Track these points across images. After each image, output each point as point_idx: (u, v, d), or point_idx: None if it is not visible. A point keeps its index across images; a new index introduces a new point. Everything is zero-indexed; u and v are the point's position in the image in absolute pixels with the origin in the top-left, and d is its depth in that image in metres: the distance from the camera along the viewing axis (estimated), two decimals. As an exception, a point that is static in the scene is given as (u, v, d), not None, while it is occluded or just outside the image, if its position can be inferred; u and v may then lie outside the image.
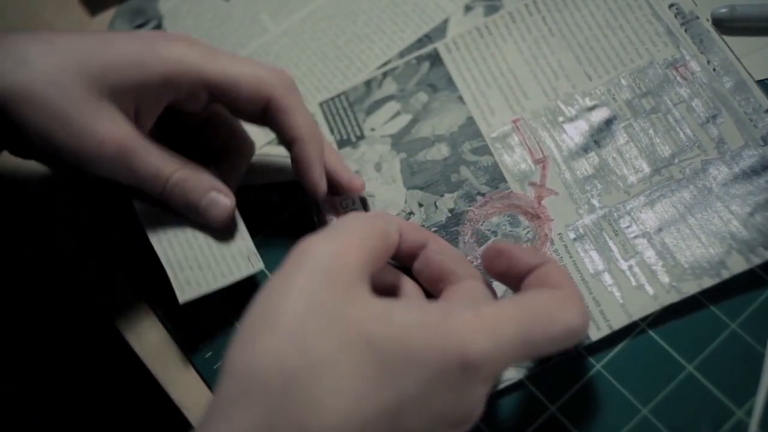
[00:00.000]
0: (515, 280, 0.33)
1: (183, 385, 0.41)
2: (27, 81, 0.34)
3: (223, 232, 0.39)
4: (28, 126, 0.35)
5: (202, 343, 0.41)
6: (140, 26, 0.52)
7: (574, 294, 0.31)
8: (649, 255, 0.38)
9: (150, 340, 0.42)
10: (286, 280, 0.29)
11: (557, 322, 0.30)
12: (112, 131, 0.35)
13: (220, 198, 0.38)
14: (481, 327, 0.28)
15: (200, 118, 0.41)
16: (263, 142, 0.45)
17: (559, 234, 0.40)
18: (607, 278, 0.38)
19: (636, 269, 0.38)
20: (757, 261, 0.37)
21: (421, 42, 0.47)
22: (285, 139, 0.39)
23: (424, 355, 0.27)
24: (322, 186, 0.39)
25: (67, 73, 0.35)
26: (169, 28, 0.51)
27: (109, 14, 0.52)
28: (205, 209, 0.38)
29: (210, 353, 0.40)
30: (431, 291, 0.35)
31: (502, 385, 0.37)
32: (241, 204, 0.40)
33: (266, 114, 0.38)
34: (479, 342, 0.27)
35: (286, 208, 0.43)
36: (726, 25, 0.43)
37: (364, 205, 0.42)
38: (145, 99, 0.37)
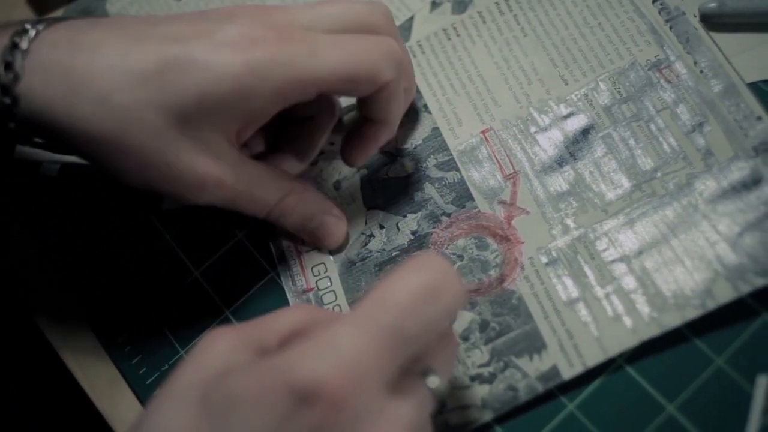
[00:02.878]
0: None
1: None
2: (112, 128, 0.30)
3: None
4: (122, 171, 0.32)
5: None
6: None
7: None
8: (628, 281, 0.35)
9: (99, 376, 0.40)
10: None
11: (403, 285, 0.27)
12: (211, 167, 0.32)
13: (330, 221, 0.37)
14: (306, 348, 0.25)
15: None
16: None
17: (530, 258, 0.36)
18: (581, 308, 0.35)
19: (613, 297, 0.35)
20: (746, 289, 0.33)
21: (385, 43, 0.43)
22: (368, 113, 0.35)
23: (246, 396, 0.25)
24: (361, 163, 0.38)
25: (157, 109, 0.30)
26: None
27: (56, 15, 0.49)
28: (313, 233, 0.37)
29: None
30: None
31: (468, 428, 0.34)
32: (187, 227, 0.37)
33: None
34: (305, 362, 0.25)
35: (239, 231, 0.40)
36: (715, 21, 0.39)
37: None
38: (249, 118, 0.33)
